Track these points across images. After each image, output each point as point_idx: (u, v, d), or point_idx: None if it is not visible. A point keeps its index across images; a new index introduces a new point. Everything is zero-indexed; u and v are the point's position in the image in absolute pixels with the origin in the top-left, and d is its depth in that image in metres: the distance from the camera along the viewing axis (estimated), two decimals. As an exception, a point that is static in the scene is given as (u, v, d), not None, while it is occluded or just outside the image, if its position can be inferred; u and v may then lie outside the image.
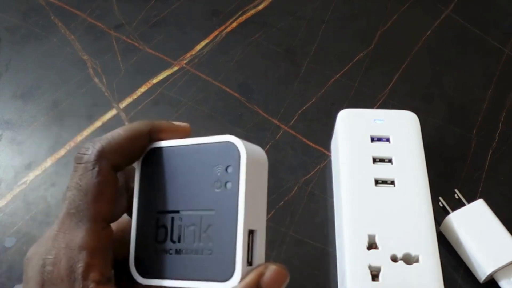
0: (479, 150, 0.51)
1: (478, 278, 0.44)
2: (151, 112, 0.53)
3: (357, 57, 0.56)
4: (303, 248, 0.46)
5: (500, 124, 0.52)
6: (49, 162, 0.50)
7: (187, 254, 0.30)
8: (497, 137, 0.52)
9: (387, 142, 0.45)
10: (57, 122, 0.52)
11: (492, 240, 0.44)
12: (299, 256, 0.46)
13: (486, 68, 0.56)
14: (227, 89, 0.54)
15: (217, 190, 0.29)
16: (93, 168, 0.28)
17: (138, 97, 0.54)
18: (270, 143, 0.51)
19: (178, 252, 0.30)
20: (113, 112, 0.53)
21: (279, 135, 0.51)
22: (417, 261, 0.40)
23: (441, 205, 0.46)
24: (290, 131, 0.52)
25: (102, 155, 0.28)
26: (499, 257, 0.43)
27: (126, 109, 0.53)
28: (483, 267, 0.43)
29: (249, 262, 0.28)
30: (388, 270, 0.40)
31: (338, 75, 0.55)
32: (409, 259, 0.41)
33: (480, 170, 0.50)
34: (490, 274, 0.43)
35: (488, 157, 0.50)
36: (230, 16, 0.58)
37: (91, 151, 0.28)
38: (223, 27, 0.58)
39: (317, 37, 0.57)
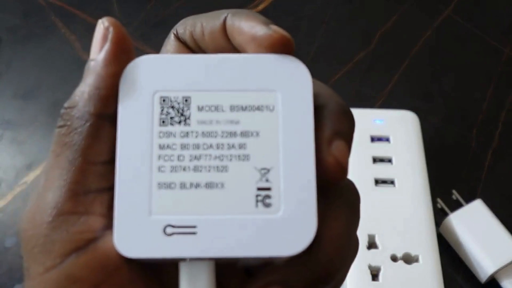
0: (479, 150, 0.51)
1: (479, 279, 0.44)
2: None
3: (357, 57, 0.56)
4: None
5: (500, 124, 0.52)
6: (49, 162, 0.50)
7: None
8: (497, 137, 0.52)
9: (387, 142, 0.45)
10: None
11: (492, 240, 0.44)
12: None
13: (486, 68, 0.56)
14: (227, 89, 0.54)
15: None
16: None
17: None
18: (270, 143, 0.51)
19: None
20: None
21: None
22: (417, 260, 0.40)
23: (439, 206, 0.46)
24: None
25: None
26: (501, 256, 0.43)
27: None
28: (484, 268, 0.43)
29: None
30: (388, 269, 0.40)
31: (338, 75, 0.55)
32: (409, 259, 0.41)
33: (480, 170, 0.50)
34: (492, 274, 0.43)
35: (488, 157, 0.50)
36: (230, 16, 0.58)
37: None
38: (223, 27, 0.58)
39: (317, 37, 0.57)
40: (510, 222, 0.45)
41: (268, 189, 0.21)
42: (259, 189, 0.21)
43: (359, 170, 0.44)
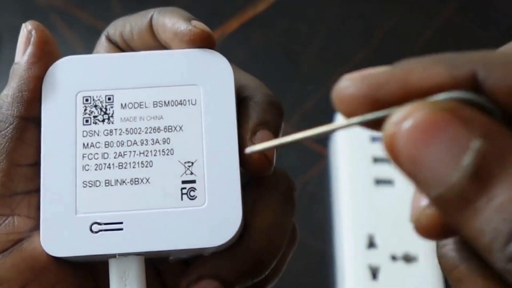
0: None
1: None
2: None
3: (357, 57, 0.56)
4: (302, 248, 0.46)
5: (500, 124, 0.52)
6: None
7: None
8: (496, 137, 0.52)
9: (387, 142, 0.45)
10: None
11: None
12: (299, 256, 0.46)
13: (486, 68, 0.56)
14: (227, 89, 0.54)
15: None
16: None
17: (139, 97, 0.54)
18: (270, 143, 0.51)
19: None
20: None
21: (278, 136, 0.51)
22: (416, 260, 0.41)
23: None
24: (290, 131, 0.52)
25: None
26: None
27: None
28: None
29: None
30: (387, 269, 0.40)
31: (338, 75, 0.55)
32: (408, 258, 0.41)
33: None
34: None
35: (488, 157, 0.50)
36: (230, 16, 0.59)
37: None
38: (223, 28, 0.58)
39: (317, 37, 0.57)
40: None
41: (193, 181, 0.21)
42: (184, 182, 0.21)
43: (359, 170, 0.44)
